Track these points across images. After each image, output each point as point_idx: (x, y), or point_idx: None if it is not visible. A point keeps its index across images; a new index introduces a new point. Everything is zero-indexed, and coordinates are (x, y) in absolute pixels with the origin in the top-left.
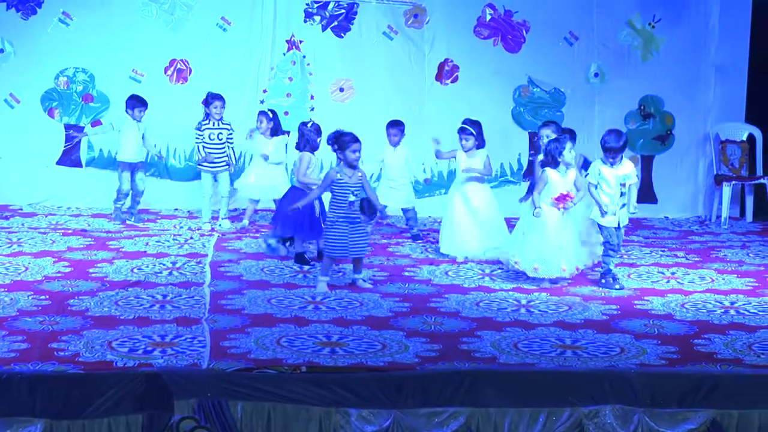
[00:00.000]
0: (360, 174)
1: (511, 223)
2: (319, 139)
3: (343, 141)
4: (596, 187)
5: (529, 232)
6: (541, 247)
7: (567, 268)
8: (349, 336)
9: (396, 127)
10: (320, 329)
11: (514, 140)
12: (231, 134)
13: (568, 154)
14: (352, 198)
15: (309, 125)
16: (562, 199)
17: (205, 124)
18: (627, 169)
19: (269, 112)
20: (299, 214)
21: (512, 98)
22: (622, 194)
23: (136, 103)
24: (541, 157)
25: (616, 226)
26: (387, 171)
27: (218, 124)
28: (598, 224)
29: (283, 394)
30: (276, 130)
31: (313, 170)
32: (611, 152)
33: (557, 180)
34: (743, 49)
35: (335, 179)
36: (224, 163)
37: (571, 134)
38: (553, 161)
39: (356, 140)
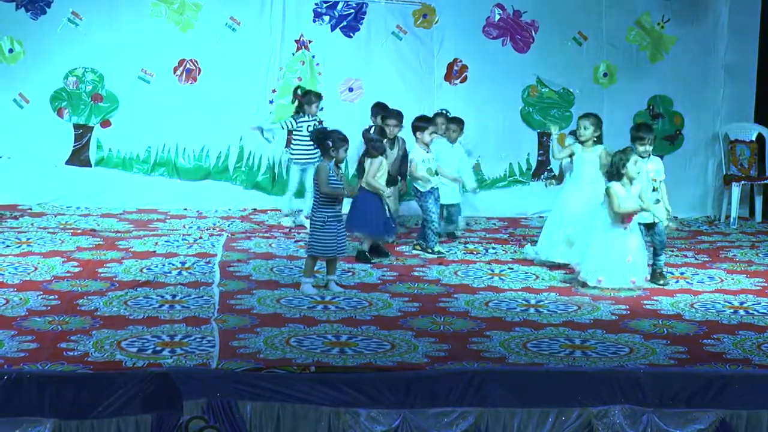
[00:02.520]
0: (342, 173)
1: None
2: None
3: (334, 139)
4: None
5: (594, 244)
6: (606, 260)
7: (637, 281)
8: (358, 336)
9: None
10: (329, 329)
11: (523, 140)
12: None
13: (633, 167)
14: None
15: (371, 131)
16: (629, 218)
17: (301, 119)
18: (656, 165)
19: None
20: (373, 215)
21: (521, 98)
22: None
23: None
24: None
25: (651, 222)
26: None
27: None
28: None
29: (292, 394)
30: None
31: (383, 174)
32: (643, 139)
33: (624, 194)
34: (752, 49)
35: (327, 177)
36: (316, 158)
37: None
38: (617, 174)
39: (346, 140)
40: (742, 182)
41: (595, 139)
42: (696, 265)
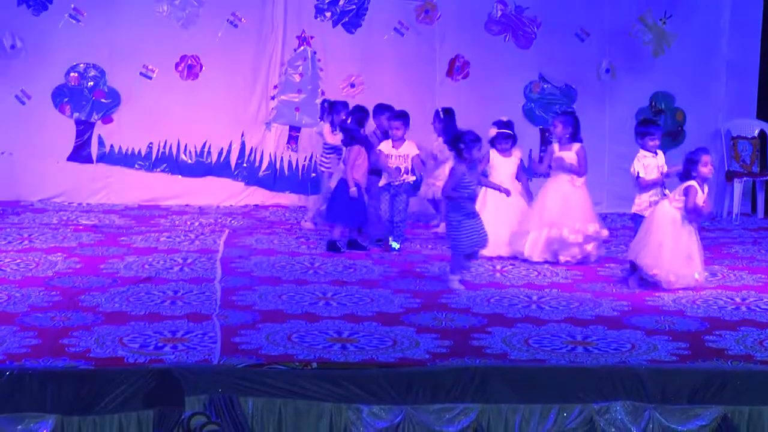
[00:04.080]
0: (477, 172)
1: None
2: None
3: (466, 140)
4: (639, 179)
5: (665, 243)
6: (674, 259)
7: (699, 277)
8: (360, 332)
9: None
10: (331, 325)
11: (526, 136)
12: None
13: (705, 168)
14: (468, 192)
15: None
16: (703, 215)
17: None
18: (662, 159)
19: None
20: (349, 205)
21: (523, 94)
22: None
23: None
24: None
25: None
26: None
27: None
28: (637, 219)
29: (294, 390)
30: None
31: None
32: (653, 134)
33: (702, 194)
34: (755, 45)
35: (460, 178)
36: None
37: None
38: (687, 174)
39: (478, 139)
40: (744, 178)
41: (568, 136)
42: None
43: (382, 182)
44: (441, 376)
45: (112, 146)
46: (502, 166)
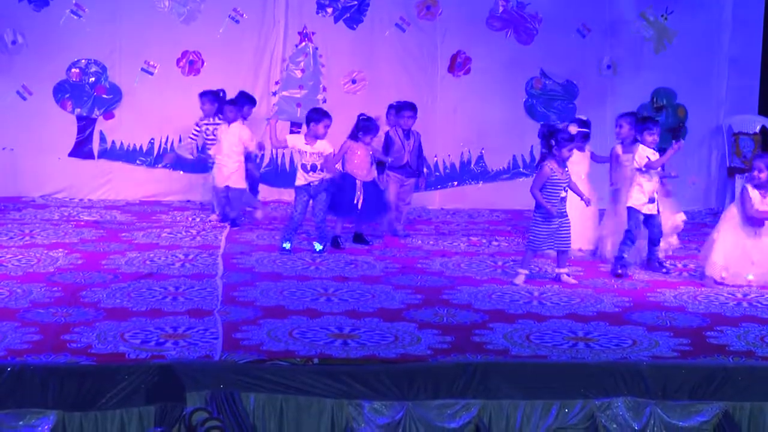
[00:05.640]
0: (567, 170)
1: None
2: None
3: (559, 138)
4: (642, 172)
5: (719, 240)
6: (730, 257)
7: (753, 278)
8: (361, 328)
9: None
10: (332, 321)
11: (527, 132)
12: None
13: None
14: (563, 194)
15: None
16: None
17: None
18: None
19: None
20: (342, 199)
21: (525, 90)
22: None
23: (244, 100)
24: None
25: (656, 213)
26: None
27: None
28: (632, 213)
29: (296, 386)
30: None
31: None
32: (651, 129)
33: (758, 198)
34: (756, 41)
35: (549, 175)
36: None
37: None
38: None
39: (572, 139)
40: (746, 174)
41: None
42: (699, 257)
43: (299, 182)
44: (442, 372)
45: (113, 142)
46: (578, 165)
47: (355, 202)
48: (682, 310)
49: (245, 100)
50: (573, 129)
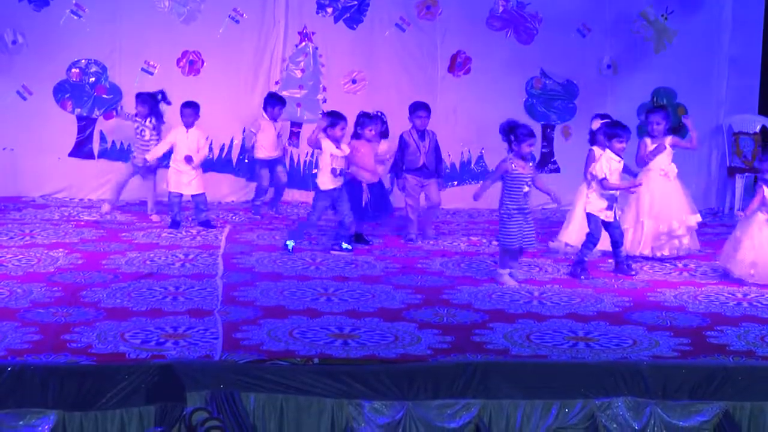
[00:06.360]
0: (531, 165)
1: None
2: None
3: (518, 134)
4: (604, 180)
5: (744, 239)
6: (758, 256)
7: None
8: (361, 328)
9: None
10: (333, 321)
11: None
12: None
13: None
14: (526, 189)
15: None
16: None
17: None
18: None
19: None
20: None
21: (525, 90)
22: None
23: (274, 102)
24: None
25: (612, 221)
26: None
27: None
28: (591, 218)
29: (296, 386)
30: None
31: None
32: (620, 137)
33: None
34: (756, 40)
35: (510, 170)
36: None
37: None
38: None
39: (533, 135)
40: (746, 174)
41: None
42: (699, 256)
43: (326, 186)
44: (442, 371)
45: (113, 142)
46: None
47: (363, 204)
48: (682, 309)
49: (275, 101)
50: (596, 124)
